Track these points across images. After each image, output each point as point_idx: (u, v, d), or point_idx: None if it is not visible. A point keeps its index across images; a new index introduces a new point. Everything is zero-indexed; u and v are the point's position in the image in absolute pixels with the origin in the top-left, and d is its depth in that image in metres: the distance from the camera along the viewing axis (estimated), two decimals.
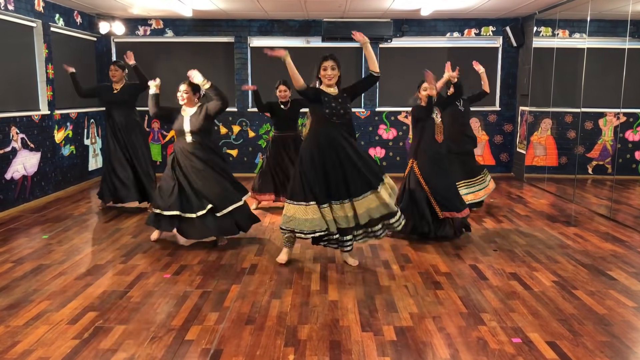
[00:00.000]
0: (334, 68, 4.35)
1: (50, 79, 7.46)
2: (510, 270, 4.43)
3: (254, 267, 4.49)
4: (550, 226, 5.91)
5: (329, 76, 4.34)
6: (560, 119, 9.10)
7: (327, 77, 4.34)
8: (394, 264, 4.58)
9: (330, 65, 4.34)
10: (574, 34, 8.77)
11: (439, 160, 5.25)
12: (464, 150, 6.39)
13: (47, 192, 7.35)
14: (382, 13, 8.60)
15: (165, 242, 5.27)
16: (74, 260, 4.69)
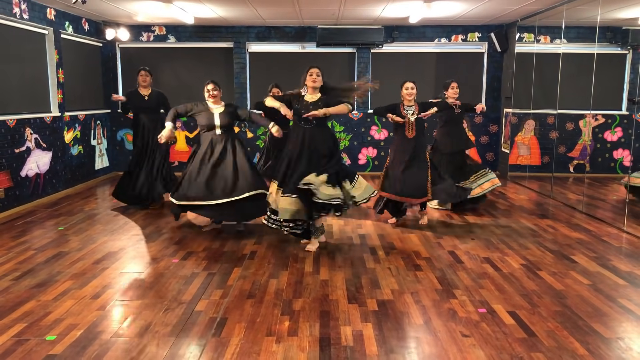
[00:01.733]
0: (318, 75, 5.07)
1: (61, 82, 7.94)
2: (485, 255, 4.93)
3: (254, 253, 4.98)
4: (527, 219, 6.41)
5: (313, 79, 5.05)
6: (542, 120, 9.62)
7: (312, 80, 5.05)
8: (380, 250, 5.08)
9: (316, 72, 5.07)
10: (554, 39, 9.30)
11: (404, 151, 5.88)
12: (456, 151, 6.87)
13: (58, 189, 7.82)
14: (373, 20, 9.11)
15: (172, 231, 5.75)
16: (90, 248, 5.17)
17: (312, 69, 5.08)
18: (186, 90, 9.59)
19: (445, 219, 6.37)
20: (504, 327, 3.40)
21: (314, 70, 5.06)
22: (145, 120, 6.92)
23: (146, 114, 6.93)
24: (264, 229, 5.86)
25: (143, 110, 6.93)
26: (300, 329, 3.38)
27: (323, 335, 3.29)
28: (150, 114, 6.95)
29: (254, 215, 5.58)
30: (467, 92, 9.78)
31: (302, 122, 4.98)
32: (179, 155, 9.98)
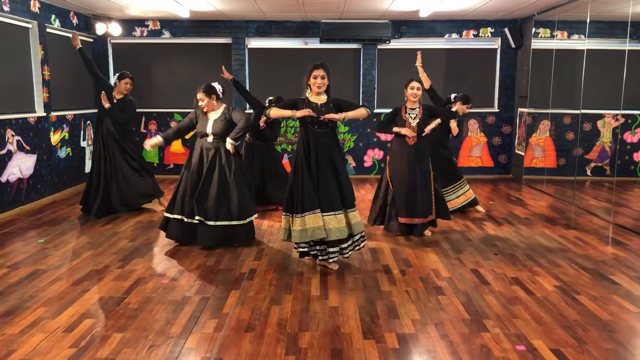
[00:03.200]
0: (323, 77, 4.37)
1: (46, 80, 7.39)
2: (512, 275, 4.39)
3: (253, 272, 4.45)
4: (551, 229, 5.87)
5: (318, 84, 4.36)
6: (558, 120, 9.08)
7: (317, 85, 4.36)
8: (394, 269, 4.54)
9: (320, 75, 4.36)
10: (573, 35, 8.75)
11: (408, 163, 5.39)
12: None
13: (44, 194, 7.28)
14: (380, 14, 8.56)
15: (164, 245, 5.21)
16: (71, 265, 4.63)
17: (316, 70, 4.34)
18: (182, 89, 9.06)
19: (463, 229, 5.83)
20: None
21: (319, 73, 4.33)
22: (107, 125, 6.45)
23: (108, 118, 6.44)
24: (264, 243, 5.32)
25: (105, 114, 6.43)
26: None
27: None
28: (111, 119, 6.44)
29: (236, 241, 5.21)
30: (479, 91, 9.28)
31: (315, 127, 4.36)
32: (174, 158, 9.44)
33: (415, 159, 5.37)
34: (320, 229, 4.28)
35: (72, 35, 6.29)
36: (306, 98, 4.43)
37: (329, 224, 4.30)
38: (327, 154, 4.37)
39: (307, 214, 4.31)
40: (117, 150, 6.46)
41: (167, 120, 9.31)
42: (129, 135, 6.65)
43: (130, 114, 6.54)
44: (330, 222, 4.31)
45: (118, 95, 6.48)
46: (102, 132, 6.46)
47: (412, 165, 5.36)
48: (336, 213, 4.33)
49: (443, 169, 6.52)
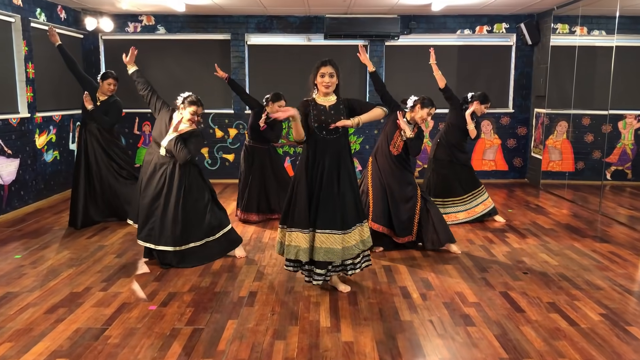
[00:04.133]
0: (332, 75, 3.76)
1: (31, 78, 6.86)
2: (548, 300, 3.86)
3: (253, 296, 3.91)
4: (581, 242, 5.34)
5: (326, 84, 3.75)
6: (577, 121, 8.54)
7: (324, 85, 3.76)
8: (413, 292, 4.00)
9: (328, 72, 3.75)
10: (593, 31, 8.20)
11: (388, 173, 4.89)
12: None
13: (27, 202, 6.75)
14: (389, 9, 8.03)
15: (153, 263, 4.67)
16: (47, 287, 4.09)
17: (324, 67, 3.74)
18: (178, 88, 8.42)
19: (484, 243, 5.30)
20: None
21: (327, 70, 3.73)
22: (89, 129, 5.93)
23: (91, 121, 5.91)
24: (264, 261, 4.79)
25: (89, 117, 5.89)
26: None
27: None
28: (94, 122, 5.92)
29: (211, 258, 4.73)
30: (492, 90, 8.73)
31: (323, 132, 3.77)
32: None
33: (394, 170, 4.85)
34: (304, 251, 3.77)
35: (49, 31, 5.74)
36: (313, 100, 3.85)
37: (320, 242, 3.76)
38: (336, 165, 3.80)
39: (294, 230, 3.80)
40: (103, 157, 5.93)
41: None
42: (115, 139, 6.10)
43: (115, 117, 6.00)
44: (324, 241, 3.75)
45: (102, 96, 5.95)
46: (85, 137, 5.92)
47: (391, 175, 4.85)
48: (333, 232, 3.76)
49: (460, 175, 6.02)
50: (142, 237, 4.55)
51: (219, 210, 4.78)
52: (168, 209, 4.50)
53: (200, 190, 4.64)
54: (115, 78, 5.94)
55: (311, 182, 3.79)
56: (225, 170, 8.91)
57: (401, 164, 4.87)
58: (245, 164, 6.11)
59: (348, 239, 3.82)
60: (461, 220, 6.01)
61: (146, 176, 4.63)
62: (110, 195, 5.94)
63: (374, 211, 4.88)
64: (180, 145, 4.41)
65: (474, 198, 6.05)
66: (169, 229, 4.48)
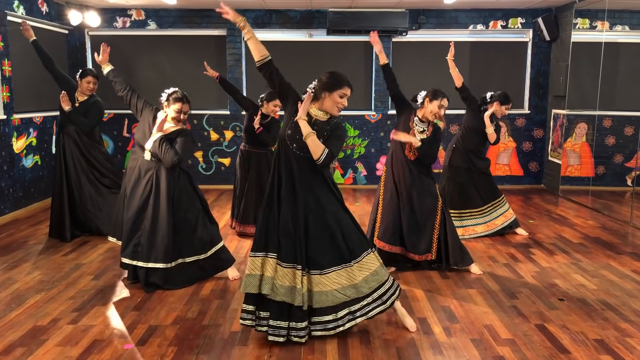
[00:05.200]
0: (347, 98, 3.17)
1: (7, 77, 6.27)
2: (594, 336, 3.28)
3: (247, 332, 3.31)
4: (617, 260, 4.76)
5: (341, 106, 3.17)
6: (597, 123, 7.96)
7: (340, 107, 3.16)
8: (435, 325, 3.42)
9: (347, 95, 3.15)
10: (615, 26, 7.62)
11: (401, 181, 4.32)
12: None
13: (3, 211, 6.16)
14: (397, 2, 7.45)
15: (135, 286, 4.10)
16: (8, 318, 3.51)
17: (347, 87, 3.13)
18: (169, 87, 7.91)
19: (509, 261, 4.72)
20: None
21: (348, 92, 3.14)
22: (68, 133, 5.38)
23: (69, 124, 5.36)
24: None
25: (67, 119, 5.35)
26: None
27: None
28: (73, 125, 5.36)
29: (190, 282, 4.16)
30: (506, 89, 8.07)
31: (293, 145, 3.12)
32: None
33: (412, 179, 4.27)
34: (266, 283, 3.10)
35: (23, 25, 5.19)
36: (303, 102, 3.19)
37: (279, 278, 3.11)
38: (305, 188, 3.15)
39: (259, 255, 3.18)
40: (82, 163, 5.35)
41: None
42: (95, 144, 5.51)
43: (95, 119, 5.41)
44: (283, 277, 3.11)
45: (81, 96, 5.37)
46: (63, 141, 5.35)
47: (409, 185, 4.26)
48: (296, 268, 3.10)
49: (479, 183, 5.45)
50: (128, 255, 3.99)
51: (211, 225, 4.22)
52: (157, 221, 3.94)
53: (191, 200, 4.09)
54: (95, 76, 5.37)
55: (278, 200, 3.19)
56: (220, 175, 8.33)
57: (420, 170, 4.29)
58: (241, 170, 5.54)
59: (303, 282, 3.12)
60: (480, 234, 5.44)
61: (130, 185, 4.08)
62: (91, 207, 5.36)
63: (381, 228, 4.30)
64: (166, 147, 3.86)
65: (494, 209, 5.48)
66: (159, 244, 3.93)
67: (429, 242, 4.32)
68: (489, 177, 5.55)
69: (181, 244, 4.02)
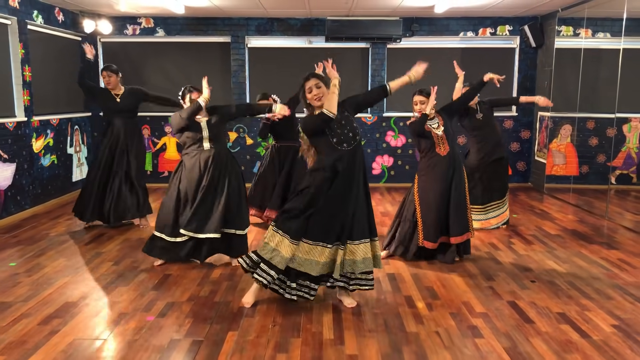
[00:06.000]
0: (319, 86, 3.60)
1: (28, 82, 6.75)
2: (558, 310, 3.74)
3: (254, 306, 3.79)
4: (589, 249, 5.22)
5: (316, 96, 3.60)
6: (581, 125, 8.43)
7: (315, 98, 3.60)
8: (419, 301, 3.89)
9: (314, 84, 3.60)
10: (597, 33, 8.09)
11: (440, 178, 4.70)
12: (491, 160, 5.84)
13: (24, 207, 6.63)
14: (391, 11, 7.92)
15: (151, 269, 4.57)
16: (42, 296, 3.98)
17: (307, 81, 3.62)
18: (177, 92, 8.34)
19: (489, 249, 5.19)
20: None
21: (312, 83, 3.60)
22: (119, 125, 5.85)
23: (120, 117, 5.86)
24: None
25: (116, 114, 5.85)
26: None
27: None
28: (125, 118, 5.87)
29: None
30: (496, 93, 8.60)
31: (344, 145, 3.59)
32: (168, 165, 8.78)
33: (448, 170, 4.68)
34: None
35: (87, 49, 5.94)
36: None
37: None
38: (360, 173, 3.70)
39: None
40: (124, 156, 5.85)
41: (161, 124, 8.68)
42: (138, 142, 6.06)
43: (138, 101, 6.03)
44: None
45: (115, 91, 5.91)
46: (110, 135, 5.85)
47: (446, 178, 4.68)
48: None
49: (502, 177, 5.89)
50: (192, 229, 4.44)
51: (246, 207, 4.76)
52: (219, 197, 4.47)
53: (238, 178, 4.64)
54: (108, 70, 5.86)
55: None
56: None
57: (458, 161, 4.74)
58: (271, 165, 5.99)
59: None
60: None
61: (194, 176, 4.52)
62: (116, 197, 5.82)
63: (425, 230, 4.72)
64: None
65: (499, 207, 5.92)
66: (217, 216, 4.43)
67: (466, 221, 4.75)
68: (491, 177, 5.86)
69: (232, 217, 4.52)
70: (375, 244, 3.77)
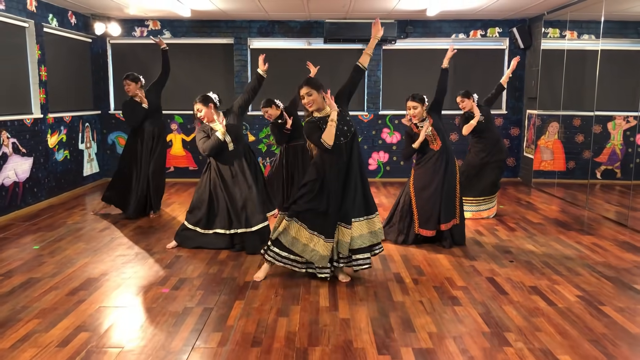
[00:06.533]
0: (310, 94, 3.98)
1: (43, 81, 7.19)
2: (530, 284, 4.17)
3: (258, 281, 4.22)
4: (566, 235, 5.66)
5: (307, 104, 4.01)
6: (568, 122, 8.86)
7: (308, 105, 4.02)
8: (406, 277, 4.32)
9: (305, 93, 3.99)
10: (583, 35, 8.53)
11: (436, 172, 5.11)
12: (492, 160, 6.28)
13: (40, 198, 7.06)
14: (386, 14, 8.36)
15: (164, 252, 5.00)
16: (66, 273, 4.41)
17: (300, 89, 4.00)
18: (182, 91, 8.84)
19: (474, 235, 5.62)
20: None
21: (303, 92, 3.98)
22: (152, 125, 6.33)
23: (151, 119, 6.33)
24: None
25: (148, 117, 6.31)
26: None
27: None
28: (156, 118, 6.39)
29: None
30: (486, 92, 9.02)
31: (341, 139, 3.98)
32: (175, 161, 9.22)
33: (442, 163, 5.11)
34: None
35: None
36: (316, 117, 4.04)
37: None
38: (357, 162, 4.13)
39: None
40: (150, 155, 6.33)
41: (167, 122, 9.10)
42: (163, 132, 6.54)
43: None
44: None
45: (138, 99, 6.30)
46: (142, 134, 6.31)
47: (439, 171, 5.10)
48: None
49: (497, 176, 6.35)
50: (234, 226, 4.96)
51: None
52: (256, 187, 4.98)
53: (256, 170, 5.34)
54: (127, 78, 6.24)
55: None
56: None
57: (451, 155, 5.15)
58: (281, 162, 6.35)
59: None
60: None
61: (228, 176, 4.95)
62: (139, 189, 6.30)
63: (420, 219, 5.15)
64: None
65: (491, 201, 6.36)
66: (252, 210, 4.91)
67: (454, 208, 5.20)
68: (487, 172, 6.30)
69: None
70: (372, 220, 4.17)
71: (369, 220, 4.16)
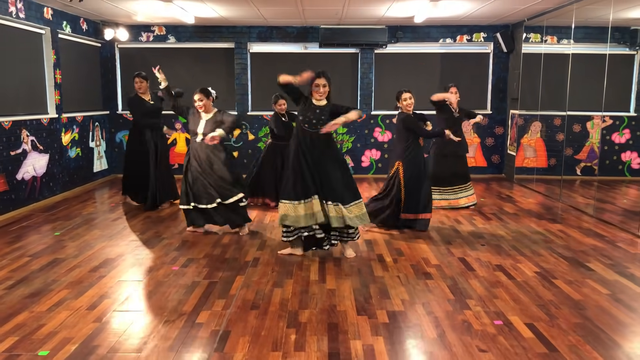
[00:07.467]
0: (325, 86, 4.68)
1: (58, 83, 7.76)
2: (496, 263, 4.75)
3: (257, 261, 4.80)
4: (537, 223, 6.23)
5: (320, 93, 4.68)
6: (549, 121, 9.43)
7: (319, 94, 4.69)
8: (387, 257, 4.89)
9: (322, 84, 4.67)
10: (562, 40, 9.11)
11: (421, 163, 5.77)
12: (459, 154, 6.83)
13: (55, 192, 7.63)
14: (377, 20, 8.93)
15: (172, 237, 5.57)
16: (86, 254, 4.98)
17: (318, 79, 4.64)
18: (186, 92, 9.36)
19: (453, 224, 6.19)
20: (522, 341, 3.22)
21: (320, 82, 4.65)
22: (151, 123, 6.88)
23: (153, 117, 6.91)
24: (267, 235, 5.68)
25: (150, 115, 6.88)
26: (308, 343, 3.19)
27: (332, 350, 3.11)
28: (157, 117, 6.96)
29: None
30: (472, 93, 9.65)
31: (307, 126, 4.68)
32: (179, 158, 9.78)
33: (423, 157, 5.85)
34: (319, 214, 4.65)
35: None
36: (309, 97, 4.74)
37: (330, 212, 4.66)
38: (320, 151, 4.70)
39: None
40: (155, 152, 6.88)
41: (172, 121, 9.67)
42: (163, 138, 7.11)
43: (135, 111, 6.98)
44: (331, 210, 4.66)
45: (144, 96, 6.89)
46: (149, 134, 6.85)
47: (423, 163, 5.82)
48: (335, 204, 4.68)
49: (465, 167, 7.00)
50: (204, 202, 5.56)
51: None
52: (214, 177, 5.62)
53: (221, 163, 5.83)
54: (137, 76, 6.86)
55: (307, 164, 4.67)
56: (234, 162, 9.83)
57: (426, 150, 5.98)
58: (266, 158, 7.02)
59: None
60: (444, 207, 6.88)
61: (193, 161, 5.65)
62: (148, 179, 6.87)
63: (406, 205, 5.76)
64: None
65: (467, 189, 6.95)
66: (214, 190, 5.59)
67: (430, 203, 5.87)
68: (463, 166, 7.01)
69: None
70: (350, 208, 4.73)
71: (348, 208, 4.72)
